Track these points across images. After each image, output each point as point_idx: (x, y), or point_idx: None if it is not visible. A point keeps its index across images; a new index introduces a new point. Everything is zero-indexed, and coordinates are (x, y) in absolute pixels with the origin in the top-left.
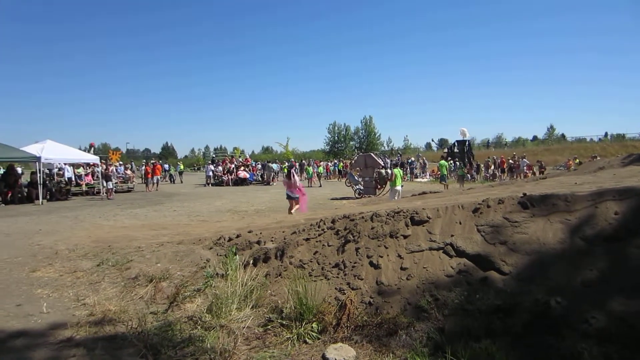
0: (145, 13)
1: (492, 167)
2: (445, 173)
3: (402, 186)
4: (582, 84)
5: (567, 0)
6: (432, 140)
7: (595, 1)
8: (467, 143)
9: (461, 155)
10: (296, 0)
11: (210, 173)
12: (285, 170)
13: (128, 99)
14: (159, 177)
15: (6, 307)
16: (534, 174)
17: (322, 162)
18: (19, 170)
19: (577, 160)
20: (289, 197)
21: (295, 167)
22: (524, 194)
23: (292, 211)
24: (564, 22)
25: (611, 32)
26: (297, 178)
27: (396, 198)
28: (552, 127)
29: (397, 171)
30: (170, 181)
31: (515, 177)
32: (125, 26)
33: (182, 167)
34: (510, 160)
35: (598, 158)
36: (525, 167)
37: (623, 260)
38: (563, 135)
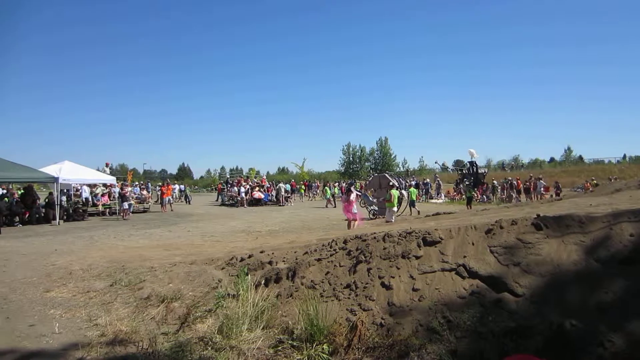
0: (165, 40)
1: (507, 188)
2: (414, 198)
3: (398, 207)
4: (600, 105)
5: (584, 27)
6: (436, 163)
7: (612, 21)
8: (474, 164)
9: (469, 177)
10: (310, 18)
11: (243, 194)
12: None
13: (146, 120)
14: (170, 197)
15: (19, 328)
16: (551, 195)
17: (336, 183)
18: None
19: (594, 182)
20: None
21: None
22: (538, 215)
23: (355, 226)
24: (581, 44)
25: (628, 52)
26: (354, 196)
27: (393, 219)
28: (569, 148)
29: (395, 192)
30: (186, 202)
31: (531, 198)
32: (143, 50)
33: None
34: (527, 183)
35: (617, 179)
36: (542, 189)
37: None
38: (581, 157)
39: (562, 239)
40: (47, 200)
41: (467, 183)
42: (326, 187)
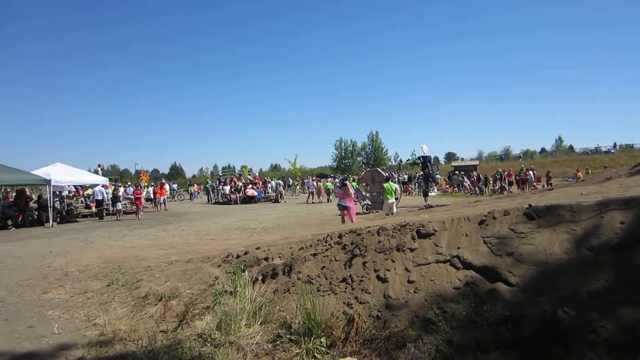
0: (156, 45)
1: (499, 180)
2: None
3: (396, 199)
4: (589, 96)
5: (575, 14)
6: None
7: (603, 16)
8: (426, 159)
9: (423, 171)
10: (300, 14)
11: (227, 192)
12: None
13: (137, 120)
14: (165, 197)
15: (18, 329)
16: (542, 186)
17: (329, 178)
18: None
19: (589, 171)
20: (341, 207)
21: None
22: (530, 205)
23: (352, 219)
24: (570, 36)
25: (614, 47)
26: (351, 190)
27: (389, 211)
28: (560, 138)
29: (388, 185)
30: (173, 199)
31: (523, 189)
32: (133, 55)
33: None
34: (516, 177)
35: (606, 167)
36: (533, 179)
37: (630, 270)
38: (571, 147)
39: (553, 228)
40: (37, 202)
41: (421, 177)
42: (327, 183)
